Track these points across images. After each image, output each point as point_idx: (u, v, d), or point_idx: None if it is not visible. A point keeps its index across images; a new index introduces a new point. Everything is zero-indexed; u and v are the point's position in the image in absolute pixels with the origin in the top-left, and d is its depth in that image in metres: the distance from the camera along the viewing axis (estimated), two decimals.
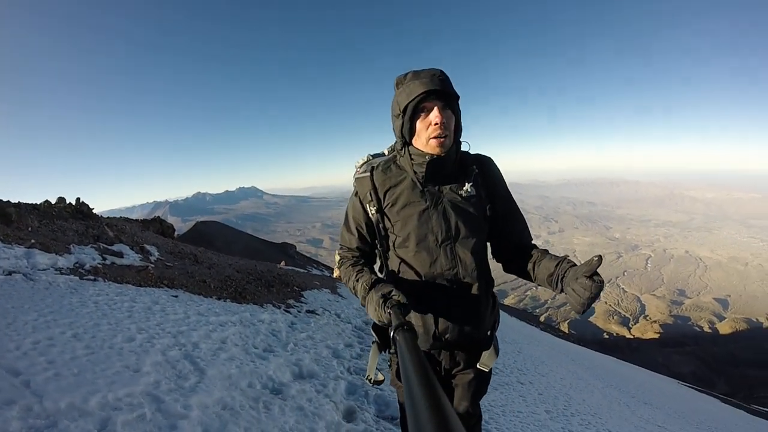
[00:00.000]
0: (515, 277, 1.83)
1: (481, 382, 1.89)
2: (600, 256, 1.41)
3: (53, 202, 10.31)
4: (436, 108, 1.54)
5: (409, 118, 1.58)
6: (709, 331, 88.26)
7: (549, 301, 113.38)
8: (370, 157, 1.99)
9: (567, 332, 60.54)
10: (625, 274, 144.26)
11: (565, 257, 1.61)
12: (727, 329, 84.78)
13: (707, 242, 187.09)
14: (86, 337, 3.62)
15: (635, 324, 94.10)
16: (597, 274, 1.39)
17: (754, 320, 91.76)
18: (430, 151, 1.60)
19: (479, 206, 1.71)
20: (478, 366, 1.81)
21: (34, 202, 9.37)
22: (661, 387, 16.77)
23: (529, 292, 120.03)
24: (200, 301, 6.34)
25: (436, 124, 1.54)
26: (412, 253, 1.69)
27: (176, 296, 6.21)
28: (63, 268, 6.01)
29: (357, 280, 1.63)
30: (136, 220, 15.07)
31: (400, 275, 1.75)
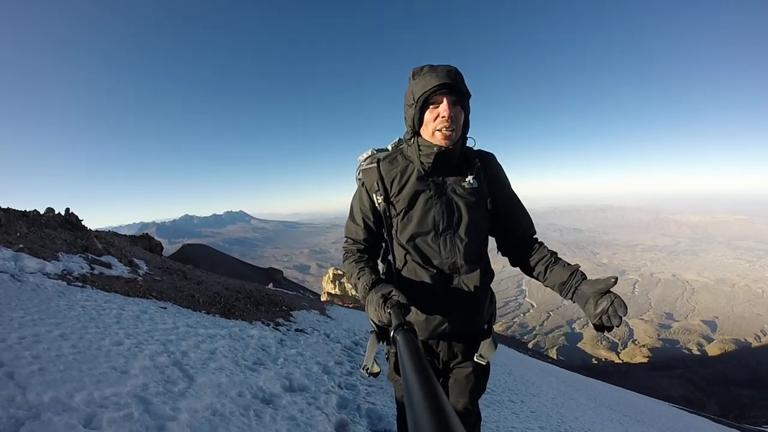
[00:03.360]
0: (503, 303, 1.83)
1: (480, 376, 1.88)
2: (616, 277, 1.54)
3: (41, 211, 10.11)
4: (446, 101, 1.56)
5: (419, 108, 1.61)
6: (698, 353, 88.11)
7: (537, 328, 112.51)
8: (374, 152, 2.02)
9: (555, 358, 60.18)
10: None
11: (577, 267, 1.68)
12: (716, 351, 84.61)
13: (694, 265, 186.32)
14: (73, 338, 3.45)
15: (624, 349, 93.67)
16: (611, 292, 1.54)
17: (743, 340, 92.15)
18: (436, 143, 1.63)
19: (481, 199, 1.75)
20: (476, 359, 1.83)
21: (22, 209, 9.15)
22: (652, 407, 16.65)
23: (516, 319, 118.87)
24: (189, 314, 6.14)
25: (443, 117, 1.56)
26: (414, 240, 1.72)
27: (165, 308, 6.01)
28: (51, 273, 5.81)
29: (358, 278, 1.63)
30: (125, 235, 14.78)
31: (402, 262, 1.78)
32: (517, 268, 1.91)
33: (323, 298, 31.46)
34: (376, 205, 1.76)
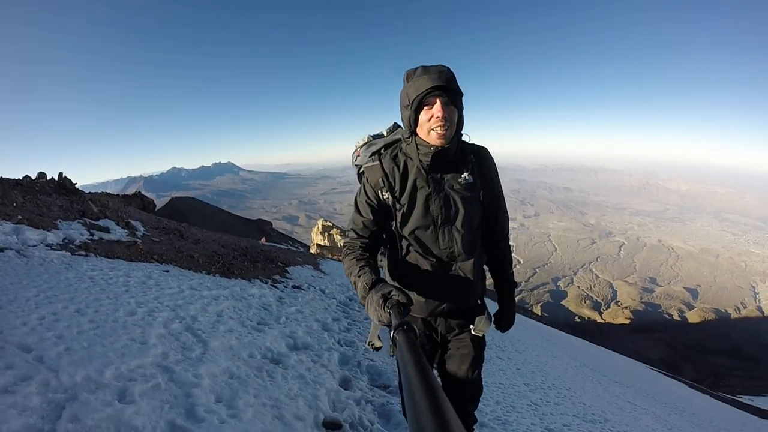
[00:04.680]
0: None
1: (477, 347, 2.01)
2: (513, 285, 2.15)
3: (33, 177, 9.92)
4: (439, 102, 1.62)
5: (414, 110, 1.66)
6: (679, 319, 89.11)
7: (523, 284, 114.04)
8: (370, 138, 2.12)
9: (540, 315, 61.48)
10: (598, 259, 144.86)
11: (502, 306, 2.15)
12: (696, 318, 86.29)
13: (680, 233, 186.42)
14: (89, 312, 3.58)
15: (606, 309, 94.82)
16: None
17: (723, 311, 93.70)
18: (431, 142, 1.69)
19: (475, 193, 1.84)
20: (472, 331, 1.97)
21: (15, 178, 8.98)
22: (631, 368, 17.43)
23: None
24: (191, 276, 6.28)
25: (437, 117, 1.62)
26: (415, 233, 1.82)
27: (167, 271, 6.13)
28: (53, 243, 5.84)
29: (359, 276, 1.67)
30: (118, 195, 14.61)
31: (404, 252, 1.88)
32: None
33: (313, 249, 31.68)
34: (382, 200, 1.83)
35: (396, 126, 2.14)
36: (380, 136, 2.13)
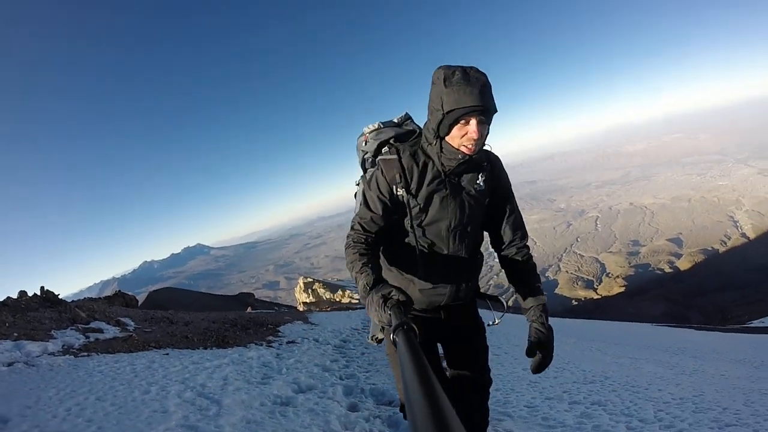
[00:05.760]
0: None
1: (476, 335, 2.11)
2: (542, 304, 1.93)
3: (14, 296, 9.96)
4: (475, 122, 1.59)
5: (449, 124, 1.62)
6: (671, 270, 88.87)
7: (513, 288, 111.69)
8: (381, 125, 2.06)
9: None
10: (579, 240, 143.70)
11: (535, 307, 1.92)
12: (687, 264, 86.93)
13: (648, 190, 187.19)
14: (109, 397, 3.87)
15: (599, 284, 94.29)
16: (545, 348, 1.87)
17: (710, 249, 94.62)
18: (460, 151, 1.68)
19: (484, 198, 1.89)
20: (471, 321, 2.09)
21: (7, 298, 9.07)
22: (633, 330, 17.42)
23: (491, 281, 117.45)
24: (190, 354, 6.53)
25: (472, 138, 1.62)
26: (426, 232, 1.84)
27: (167, 354, 6.37)
28: (55, 351, 6.02)
29: (360, 273, 1.65)
30: (101, 298, 14.55)
31: (412, 248, 1.89)
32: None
33: (299, 308, 31.39)
34: (396, 195, 1.80)
35: (408, 117, 2.13)
36: (391, 122, 2.09)
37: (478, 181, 1.82)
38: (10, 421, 3.19)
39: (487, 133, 1.69)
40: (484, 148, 1.80)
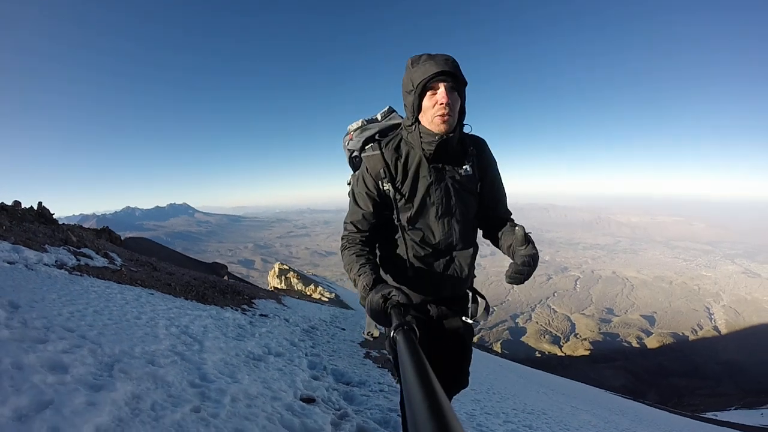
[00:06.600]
0: None
1: (467, 334, 2.02)
2: (522, 226, 1.66)
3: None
4: (443, 88, 1.59)
5: (418, 95, 1.62)
6: (638, 345, 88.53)
7: (481, 323, 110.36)
8: (364, 122, 2.07)
9: (500, 352, 60.01)
10: (555, 294, 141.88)
11: (514, 232, 1.67)
12: (655, 343, 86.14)
13: (633, 263, 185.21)
14: (105, 313, 4.25)
15: (566, 342, 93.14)
16: (528, 243, 1.63)
17: (680, 334, 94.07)
18: (435, 130, 1.65)
19: (473, 184, 1.83)
20: (463, 318, 1.98)
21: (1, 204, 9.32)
22: (585, 389, 17.80)
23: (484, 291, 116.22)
24: (173, 300, 6.87)
25: (442, 103, 1.59)
26: (415, 223, 1.80)
27: (152, 294, 6.71)
28: (50, 263, 6.34)
29: (358, 275, 1.63)
30: (90, 229, 14.78)
31: (402, 242, 1.85)
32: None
33: (271, 288, 31.39)
34: (382, 190, 1.78)
35: (391, 110, 2.13)
36: (374, 120, 2.09)
37: (464, 166, 1.79)
38: (20, 308, 3.55)
39: (462, 107, 1.69)
40: (467, 131, 1.81)
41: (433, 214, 1.78)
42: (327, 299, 32.66)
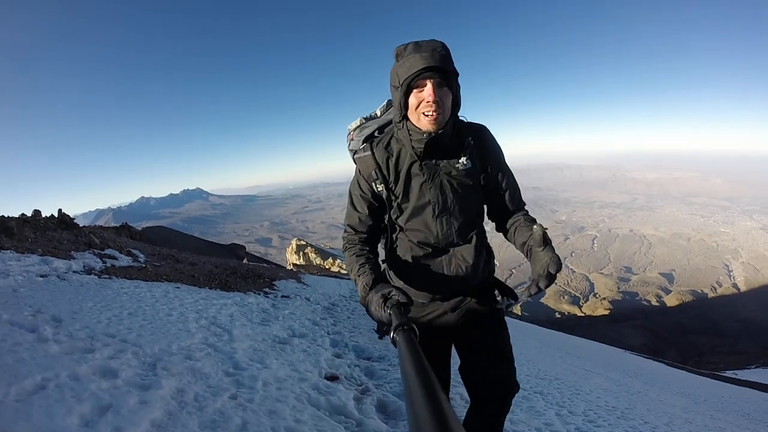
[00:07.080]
0: None
1: (493, 316, 1.89)
2: (540, 225, 1.50)
3: (13, 213, 10.62)
4: (430, 85, 1.48)
5: (404, 93, 1.54)
6: (657, 304, 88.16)
7: (506, 309, 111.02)
8: (363, 120, 1.97)
9: (520, 314, 60.20)
10: (573, 255, 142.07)
11: (531, 230, 1.55)
12: (674, 302, 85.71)
13: (650, 221, 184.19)
14: (139, 314, 4.59)
15: (585, 302, 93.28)
16: (547, 245, 1.49)
17: (699, 291, 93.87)
18: (423, 128, 1.56)
19: (474, 177, 1.72)
20: (497, 305, 1.88)
21: (22, 215, 9.71)
22: (602, 350, 17.82)
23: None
24: (198, 291, 7.25)
25: (428, 102, 1.49)
26: (411, 223, 1.73)
27: (179, 287, 7.09)
28: (79, 270, 6.71)
29: (358, 275, 1.62)
30: (109, 228, 15.27)
31: (400, 242, 1.81)
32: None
33: (289, 269, 32.16)
34: (377, 192, 1.74)
35: (390, 104, 1.96)
36: (373, 117, 1.99)
37: (461, 159, 1.67)
38: (63, 321, 3.88)
39: (455, 99, 1.59)
40: (462, 119, 1.73)
41: (430, 213, 1.70)
42: (346, 272, 33.41)
